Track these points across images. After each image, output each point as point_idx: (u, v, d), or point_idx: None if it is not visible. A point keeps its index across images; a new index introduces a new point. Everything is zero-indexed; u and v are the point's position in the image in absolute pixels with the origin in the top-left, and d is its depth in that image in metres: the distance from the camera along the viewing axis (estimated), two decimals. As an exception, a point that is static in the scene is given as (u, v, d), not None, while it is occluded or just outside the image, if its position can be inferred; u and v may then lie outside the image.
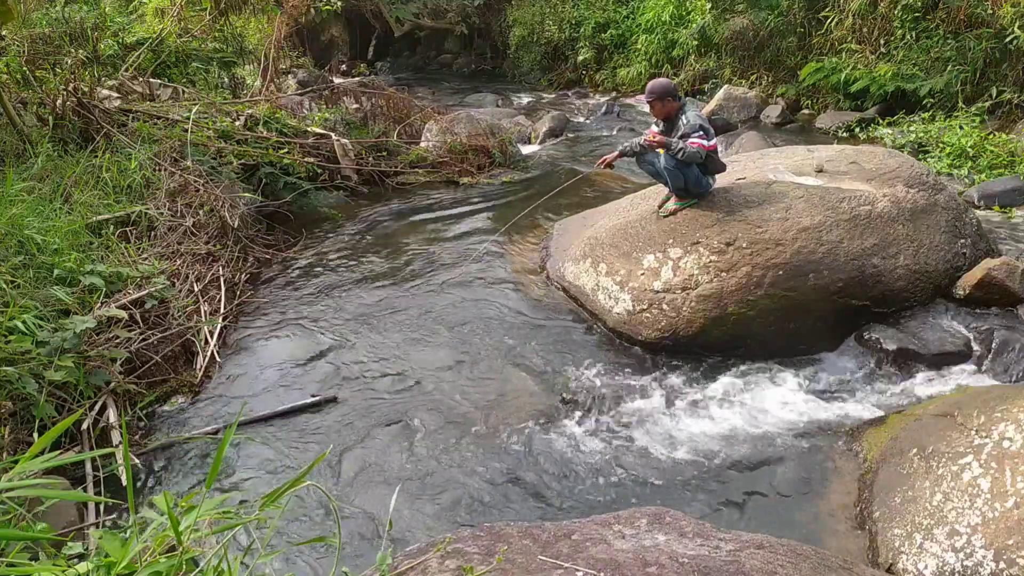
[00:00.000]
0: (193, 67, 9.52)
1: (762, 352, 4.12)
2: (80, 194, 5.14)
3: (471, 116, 9.21)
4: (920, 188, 4.70)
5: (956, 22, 8.76)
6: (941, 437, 3.03)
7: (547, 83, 15.66)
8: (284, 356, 4.40)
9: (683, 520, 2.25)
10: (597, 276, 4.68)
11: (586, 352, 4.31)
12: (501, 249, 5.78)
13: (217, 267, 5.17)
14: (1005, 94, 8.20)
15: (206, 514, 1.43)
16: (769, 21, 11.08)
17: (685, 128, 4.26)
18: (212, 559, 1.45)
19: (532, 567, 1.84)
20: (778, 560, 1.98)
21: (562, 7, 15.21)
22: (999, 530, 2.52)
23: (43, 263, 4.13)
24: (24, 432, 3.22)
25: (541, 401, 3.84)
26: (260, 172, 6.77)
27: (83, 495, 2.98)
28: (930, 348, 3.93)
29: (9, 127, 5.73)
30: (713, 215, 4.46)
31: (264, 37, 11.10)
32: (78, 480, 3.21)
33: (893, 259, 4.26)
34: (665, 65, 13.13)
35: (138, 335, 4.03)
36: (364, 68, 17.09)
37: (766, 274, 4.12)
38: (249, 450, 3.53)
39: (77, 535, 2.79)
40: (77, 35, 8.20)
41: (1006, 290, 4.16)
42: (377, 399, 3.94)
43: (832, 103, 10.25)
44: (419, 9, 17.56)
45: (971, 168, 7.01)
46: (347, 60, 18.21)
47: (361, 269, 5.64)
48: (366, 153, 7.98)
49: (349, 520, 3.04)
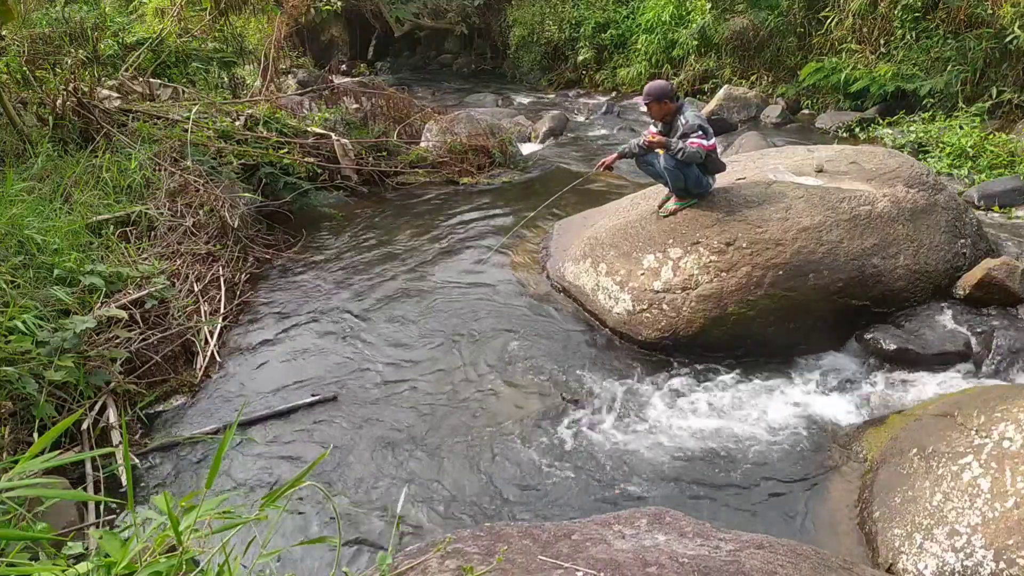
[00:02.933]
0: (193, 67, 9.53)
1: (762, 352, 4.12)
2: (80, 194, 5.14)
3: (471, 116, 9.21)
4: (920, 188, 4.70)
5: (956, 22, 8.76)
6: (941, 437, 3.03)
7: (547, 83, 15.65)
8: (284, 356, 4.40)
9: (683, 520, 2.25)
10: (597, 276, 4.68)
11: (586, 352, 4.31)
12: (501, 249, 5.78)
13: (217, 267, 5.17)
14: (1005, 94, 8.21)
15: (206, 514, 1.43)
16: (769, 21, 11.09)
17: (684, 128, 4.26)
18: (212, 559, 1.45)
19: (532, 567, 1.84)
20: (778, 560, 1.98)
21: (562, 7, 15.21)
22: (999, 530, 2.52)
23: (43, 263, 4.13)
24: (24, 432, 3.22)
25: (541, 401, 3.84)
26: (260, 172, 6.77)
27: (83, 495, 2.98)
28: (930, 348, 3.93)
29: (9, 127, 5.73)
30: (713, 215, 4.46)
31: (264, 37, 11.10)
32: (78, 480, 3.21)
33: (893, 259, 4.26)
34: (665, 65, 13.13)
35: (138, 335, 4.03)
36: (364, 68, 17.08)
37: (766, 274, 4.12)
38: (249, 450, 3.53)
39: (77, 535, 2.79)
40: (77, 35, 8.21)
41: (1006, 290, 4.15)
42: (377, 398, 3.94)
43: (832, 103, 10.26)
44: (419, 9, 17.56)
45: (971, 168, 7.01)
46: (347, 60, 18.19)
47: (361, 269, 5.64)
48: (366, 153, 7.98)
49: (349, 520, 3.04)
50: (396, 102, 9.20)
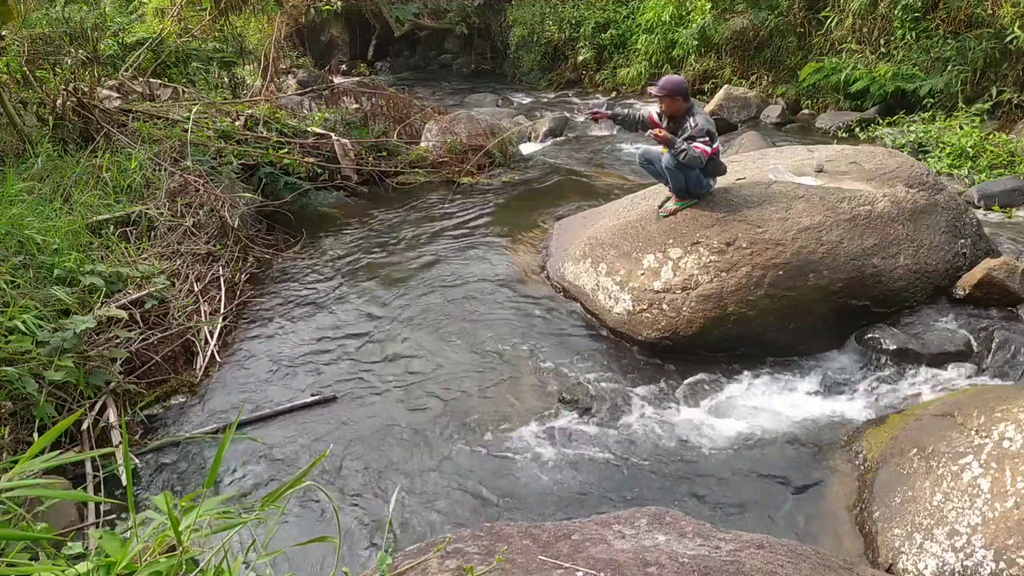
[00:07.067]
0: (193, 67, 9.53)
1: (762, 352, 4.12)
2: (80, 194, 5.14)
3: (471, 116, 9.20)
4: (920, 188, 4.70)
5: (956, 22, 8.75)
6: (941, 437, 3.02)
7: (547, 83, 15.64)
8: (284, 356, 4.40)
9: (683, 520, 2.25)
10: (597, 276, 4.68)
11: (586, 352, 4.31)
12: (501, 249, 5.78)
13: (217, 267, 5.18)
14: (1005, 94, 8.20)
15: (206, 514, 1.43)
16: (769, 21, 11.08)
17: (692, 131, 4.23)
18: (212, 559, 1.45)
19: (532, 567, 1.84)
20: (778, 560, 1.98)
21: (562, 7, 15.20)
22: (999, 530, 2.51)
23: (43, 263, 4.13)
24: (24, 432, 3.22)
25: (541, 401, 3.84)
26: (260, 172, 6.77)
27: (83, 495, 2.98)
28: (930, 348, 3.93)
29: (9, 127, 5.73)
30: (713, 215, 4.46)
31: (264, 37, 11.11)
32: (78, 480, 3.21)
33: (893, 259, 4.26)
34: (665, 65, 13.11)
35: (138, 335, 4.03)
36: (364, 68, 17.07)
37: (766, 274, 4.12)
38: (249, 450, 3.53)
39: (77, 535, 2.79)
40: (77, 35, 8.21)
41: (1006, 290, 4.15)
42: (377, 399, 3.94)
43: (832, 103, 10.24)
44: (419, 9, 17.55)
45: (971, 168, 7.00)
46: (347, 60, 18.19)
47: (361, 269, 5.64)
48: (366, 153, 7.98)
49: (349, 520, 3.04)
50: (396, 102, 9.20)
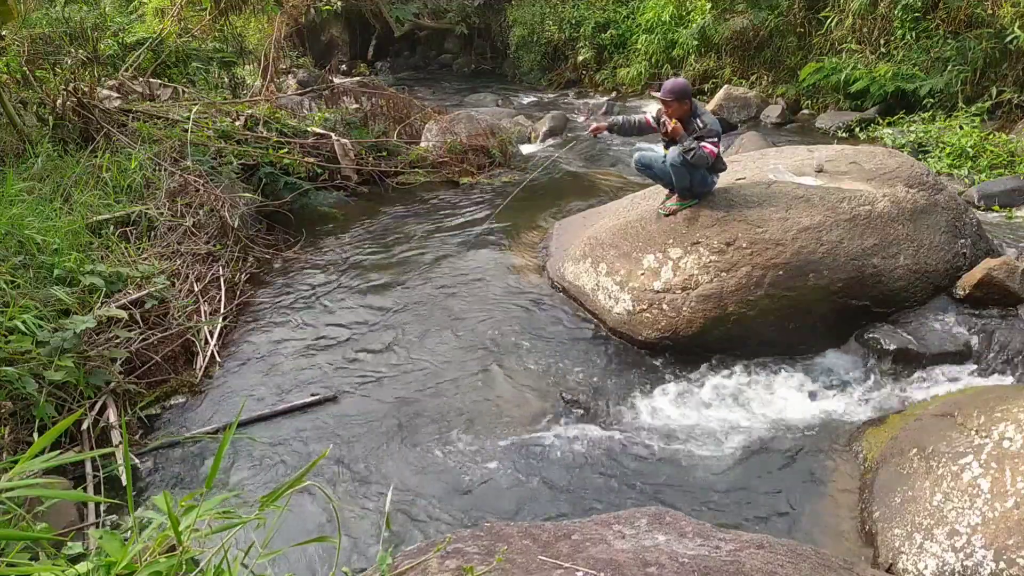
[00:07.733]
0: (193, 67, 9.53)
1: (762, 352, 4.12)
2: (80, 194, 5.14)
3: (471, 116, 9.20)
4: (920, 188, 4.70)
5: (956, 22, 8.75)
6: (941, 437, 3.02)
7: (547, 83, 15.64)
8: (284, 356, 4.40)
9: (683, 520, 2.25)
10: (597, 276, 4.68)
11: (586, 352, 4.31)
12: (501, 249, 5.78)
13: (217, 267, 5.18)
14: (1005, 94, 8.20)
15: (206, 514, 1.43)
16: (769, 21, 11.08)
17: (702, 131, 4.21)
18: (212, 559, 1.45)
19: (532, 567, 1.84)
20: (778, 560, 1.98)
21: (562, 7, 15.20)
22: (999, 530, 2.52)
23: (43, 263, 4.13)
24: (24, 432, 3.22)
25: (541, 401, 3.84)
26: (260, 172, 6.77)
27: (83, 495, 2.98)
28: (930, 348, 3.93)
29: (9, 127, 5.73)
30: (713, 215, 4.46)
31: (264, 37, 11.11)
32: (78, 480, 3.21)
33: (893, 259, 4.26)
34: (665, 65, 13.11)
35: (138, 335, 4.03)
36: (364, 68, 17.08)
37: (766, 274, 4.12)
38: (249, 450, 3.53)
39: (77, 535, 2.79)
40: (77, 35, 8.21)
41: (1006, 290, 4.15)
42: (377, 398, 3.94)
43: (832, 103, 10.24)
44: (419, 9, 17.56)
45: (971, 168, 7.00)
46: (347, 60, 18.19)
47: (361, 269, 5.64)
48: (366, 153, 7.98)
49: (349, 520, 3.04)
50: (396, 102, 9.20)
